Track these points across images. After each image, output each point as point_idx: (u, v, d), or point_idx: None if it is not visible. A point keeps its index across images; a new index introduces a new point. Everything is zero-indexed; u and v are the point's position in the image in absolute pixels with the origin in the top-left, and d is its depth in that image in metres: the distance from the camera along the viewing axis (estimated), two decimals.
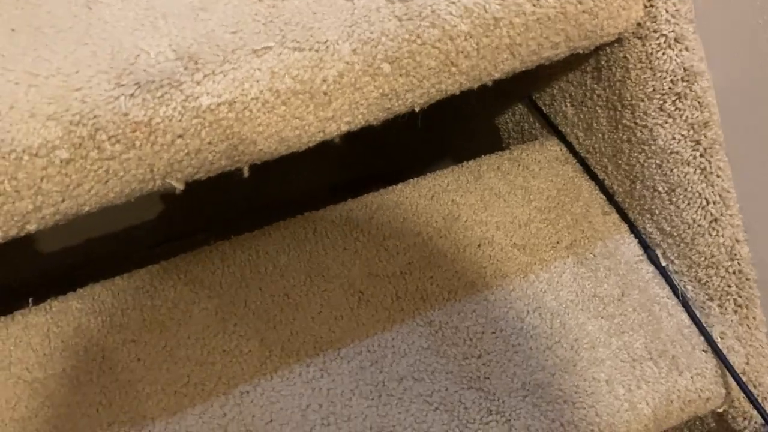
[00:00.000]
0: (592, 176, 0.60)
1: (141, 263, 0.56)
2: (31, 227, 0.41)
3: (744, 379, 0.52)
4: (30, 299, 0.53)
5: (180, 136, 0.40)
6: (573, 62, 0.57)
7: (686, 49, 0.49)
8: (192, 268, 0.54)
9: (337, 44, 0.41)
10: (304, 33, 0.41)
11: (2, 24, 0.41)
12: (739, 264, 0.52)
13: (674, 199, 0.53)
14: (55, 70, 0.38)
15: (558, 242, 0.56)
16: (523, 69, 0.48)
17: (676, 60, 0.49)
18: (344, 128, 0.44)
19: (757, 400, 0.51)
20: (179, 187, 0.43)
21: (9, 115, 0.37)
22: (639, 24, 0.50)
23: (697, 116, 0.50)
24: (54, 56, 0.39)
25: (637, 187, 0.55)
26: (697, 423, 0.59)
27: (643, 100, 0.52)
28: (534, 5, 0.44)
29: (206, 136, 0.40)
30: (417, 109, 0.47)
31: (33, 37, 0.40)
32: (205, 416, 0.48)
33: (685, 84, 0.50)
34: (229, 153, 0.42)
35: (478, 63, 0.45)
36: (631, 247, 0.56)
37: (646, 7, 0.49)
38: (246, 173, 0.45)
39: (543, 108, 0.64)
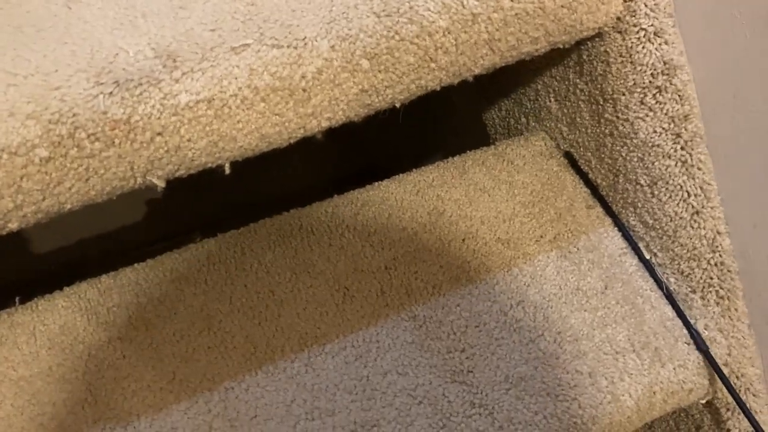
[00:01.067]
0: (576, 170, 0.60)
1: (133, 263, 0.56)
2: (13, 225, 0.41)
3: (726, 370, 0.53)
4: (17, 298, 0.53)
5: (159, 134, 0.40)
6: (555, 57, 0.57)
7: (666, 42, 0.49)
8: (178, 265, 0.54)
9: (316, 41, 0.42)
10: (282, 30, 0.41)
11: None
12: (720, 256, 0.52)
13: (656, 192, 0.53)
14: (35, 69, 0.39)
15: (542, 236, 0.56)
16: (504, 64, 0.48)
17: (655, 54, 0.50)
18: (325, 124, 0.45)
19: (736, 392, 0.52)
20: (160, 184, 0.43)
21: None
22: (618, 18, 0.50)
23: (678, 109, 0.50)
24: (33, 55, 0.39)
25: (620, 180, 0.56)
26: (683, 415, 0.59)
27: (624, 94, 0.52)
28: (512, 0, 0.45)
29: (185, 134, 0.41)
30: (398, 105, 0.47)
31: (12, 36, 0.40)
32: (190, 412, 0.48)
33: (665, 77, 0.50)
34: (209, 150, 0.42)
35: (457, 59, 0.45)
36: (614, 240, 0.56)
37: (625, 1, 0.49)
38: (227, 170, 0.45)
39: (528, 103, 0.64)
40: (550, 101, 0.61)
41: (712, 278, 0.52)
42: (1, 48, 0.40)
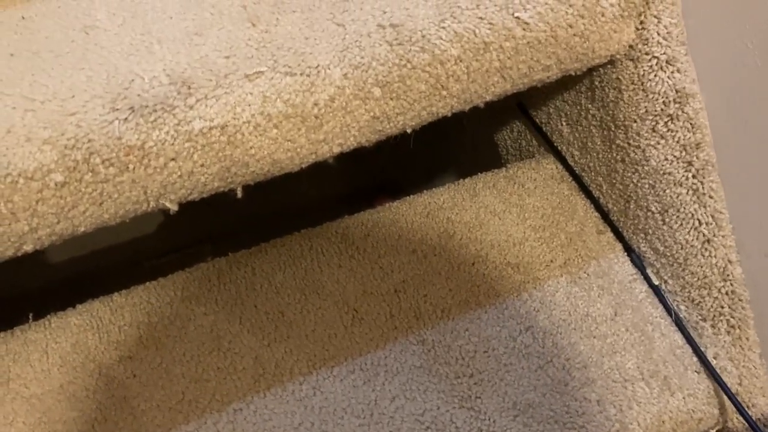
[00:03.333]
0: (588, 195, 0.60)
1: (145, 274, 0.56)
2: (28, 248, 0.41)
3: (737, 400, 0.52)
4: (30, 314, 0.54)
5: (173, 159, 0.40)
6: (568, 82, 0.57)
7: (678, 71, 0.49)
8: (188, 285, 0.54)
9: (329, 69, 0.42)
10: (295, 58, 0.42)
11: (1, 49, 0.42)
12: (731, 284, 0.52)
13: (667, 220, 0.53)
14: (52, 95, 0.39)
15: (552, 261, 0.56)
16: (515, 91, 0.48)
17: (668, 82, 0.50)
18: (336, 150, 0.45)
19: (752, 419, 0.51)
20: (173, 207, 0.43)
21: (6, 139, 0.38)
22: (631, 46, 0.50)
23: (689, 137, 0.50)
24: (50, 81, 0.40)
25: (631, 206, 0.56)
26: None
27: (635, 121, 0.52)
28: (524, 29, 0.45)
29: (199, 159, 0.41)
30: (409, 131, 0.47)
31: (31, 61, 0.41)
32: None
33: (677, 106, 0.50)
34: (222, 175, 0.43)
35: (469, 86, 0.45)
36: (624, 266, 0.56)
37: (637, 29, 0.49)
38: (239, 194, 0.45)
39: (541, 127, 0.65)
40: (561, 125, 0.61)
41: (722, 307, 0.52)
42: (20, 73, 0.40)
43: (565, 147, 0.61)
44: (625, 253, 0.57)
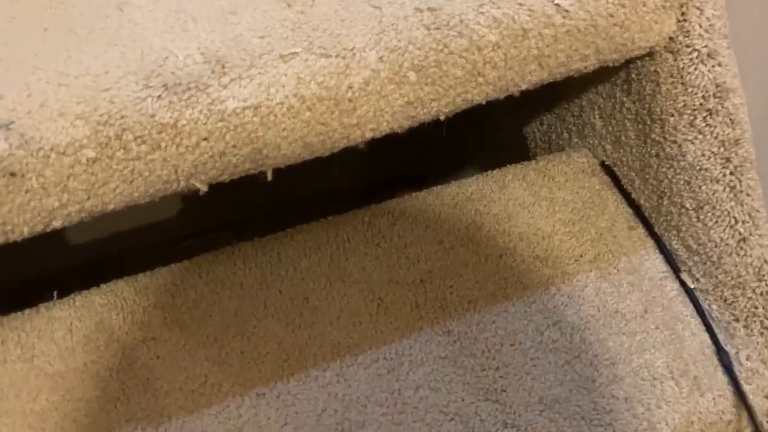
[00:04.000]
0: (620, 190, 0.59)
1: (166, 258, 0.56)
2: (57, 223, 0.41)
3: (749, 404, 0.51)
4: (54, 292, 0.54)
5: (205, 139, 0.40)
6: (602, 74, 0.56)
7: (719, 64, 0.48)
8: (214, 268, 0.54)
9: (364, 52, 0.41)
10: (331, 40, 0.41)
11: (36, 23, 0.42)
12: (767, 285, 0.50)
13: (702, 217, 0.52)
14: (85, 70, 0.39)
15: (581, 256, 0.55)
16: (552, 80, 0.48)
17: (708, 75, 0.49)
18: (368, 135, 0.44)
19: (763, 427, 0.50)
20: (203, 188, 0.43)
21: (39, 113, 0.38)
22: (671, 38, 0.49)
23: (728, 133, 0.49)
24: (84, 56, 0.40)
25: (665, 202, 0.55)
26: None
27: (673, 115, 0.51)
28: (564, 17, 0.44)
29: (231, 140, 0.41)
30: (442, 118, 0.46)
31: (65, 37, 0.41)
32: (221, 416, 0.48)
33: (716, 100, 0.49)
34: (253, 157, 0.42)
35: (506, 74, 0.44)
36: (656, 263, 0.55)
37: (678, 21, 0.48)
38: (270, 176, 0.45)
39: (571, 119, 0.64)
40: (594, 118, 0.60)
41: (756, 307, 0.51)
42: (54, 48, 0.40)
43: (598, 141, 0.60)
44: (657, 250, 0.56)
